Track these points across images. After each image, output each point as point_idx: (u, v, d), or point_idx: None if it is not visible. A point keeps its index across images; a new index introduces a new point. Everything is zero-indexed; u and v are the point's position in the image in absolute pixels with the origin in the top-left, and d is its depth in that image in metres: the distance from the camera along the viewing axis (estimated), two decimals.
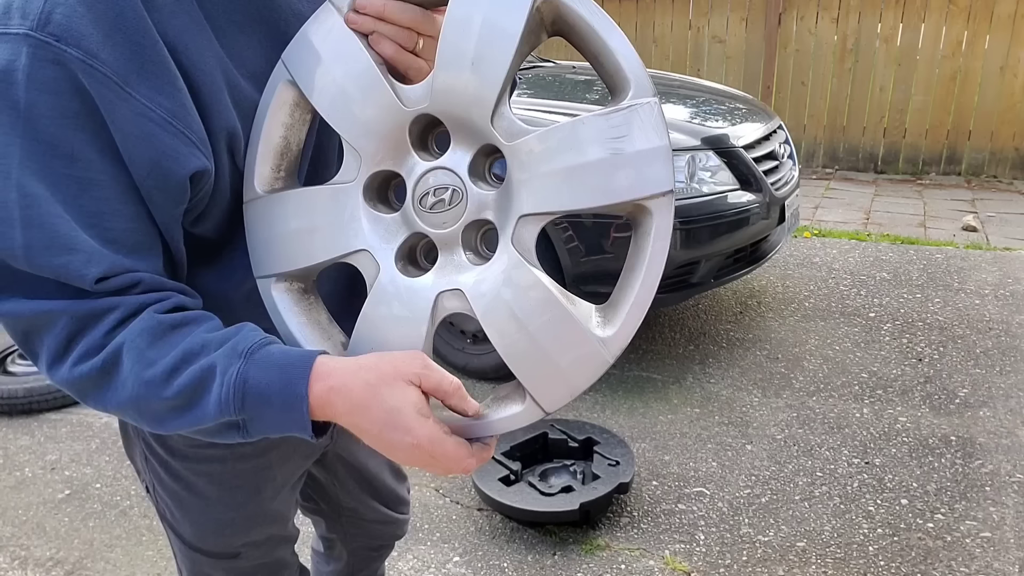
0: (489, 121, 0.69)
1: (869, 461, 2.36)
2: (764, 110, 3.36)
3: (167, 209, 0.71)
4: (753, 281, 3.80)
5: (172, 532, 1.02)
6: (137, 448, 0.98)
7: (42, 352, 0.69)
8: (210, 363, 0.67)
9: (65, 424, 2.80)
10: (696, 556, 2.00)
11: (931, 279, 3.74)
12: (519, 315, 0.70)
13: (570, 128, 0.69)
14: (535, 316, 0.70)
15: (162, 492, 0.98)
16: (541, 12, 0.69)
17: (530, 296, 0.70)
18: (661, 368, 3.00)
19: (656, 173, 0.67)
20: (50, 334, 0.67)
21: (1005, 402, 2.65)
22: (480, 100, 0.69)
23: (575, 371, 0.73)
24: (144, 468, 0.99)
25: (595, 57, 0.70)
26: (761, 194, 2.78)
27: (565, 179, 0.68)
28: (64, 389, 0.70)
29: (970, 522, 2.08)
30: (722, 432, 2.55)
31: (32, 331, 0.68)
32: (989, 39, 5.45)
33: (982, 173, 5.73)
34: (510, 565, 2.00)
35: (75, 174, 0.65)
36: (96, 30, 0.64)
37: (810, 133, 6.15)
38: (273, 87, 0.77)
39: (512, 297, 0.70)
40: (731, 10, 6.13)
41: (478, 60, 0.68)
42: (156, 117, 0.67)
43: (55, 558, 2.11)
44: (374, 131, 0.73)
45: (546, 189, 0.69)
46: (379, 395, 0.67)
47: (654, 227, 0.68)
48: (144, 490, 1.02)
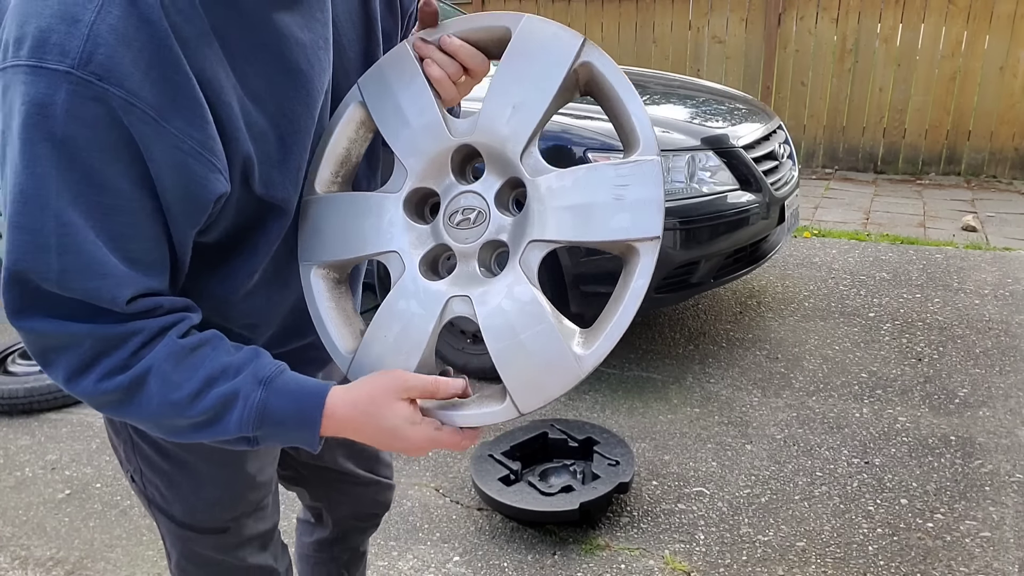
0: (519, 157, 0.82)
1: (869, 461, 2.36)
2: (764, 110, 3.36)
3: (187, 229, 0.77)
4: (753, 281, 3.80)
5: (162, 515, 1.05)
6: (123, 437, 1.01)
7: (60, 366, 0.73)
8: (233, 388, 0.76)
9: (65, 424, 2.80)
10: (696, 556, 2.00)
11: (931, 279, 3.74)
12: (514, 325, 0.81)
13: (585, 172, 0.80)
14: (527, 328, 0.81)
15: (152, 476, 1.01)
16: (578, 73, 0.82)
17: (526, 310, 0.81)
18: (661, 368, 3.00)
19: (649, 220, 0.78)
20: (72, 352, 0.72)
21: (1005, 402, 2.65)
22: (515, 139, 0.82)
23: (551, 380, 0.81)
24: (132, 456, 1.01)
25: (616, 117, 0.82)
26: (761, 194, 2.78)
27: (574, 214, 0.80)
28: (82, 400, 0.75)
29: (970, 522, 2.08)
30: (722, 432, 2.55)
31: (52, 348, 0.72)
32: (989, 39, 5.46)
33: (981, 173, 5.73)
34: (510, 565, 2.00)
35: (105, 201, 0.70)
36: (136, 69, 0.68)
37: (810, 133, 6.15)
38: (346, 105, 0.89)
39: (511, 309, 0.81)
40: (731, 10, 6.14)
41: (519, 106, 0.82)
42: (188, 148, 0.72)
43: (55, 558, 2.11)
44: (423, 153, 0.86)
45: (557, 221, 0.80)
46: (377, 419, 0.79)
47: (639, 266, 0.81)
48: (129, 479, 1.06)
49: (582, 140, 2.57)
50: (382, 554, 2.06)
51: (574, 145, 2.56)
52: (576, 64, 0.80)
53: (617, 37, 6.57)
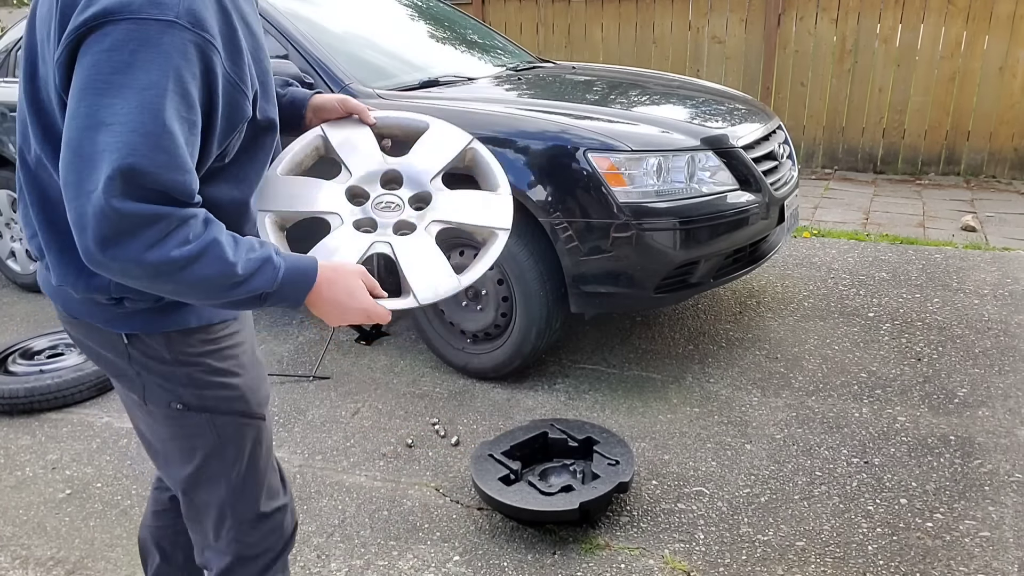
0: (429, 182, 1.42)
1: (868, 460, 2.37)
2: (763, 110, 3.37)
3: (218, 145, 1.10)
4: (752, 281, 3.81)
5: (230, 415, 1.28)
6: (180, 374, 1.22)
7: (141, 240, 0.96)
8: (265, 254, 1.07)
9: (66, 424, 2.80)
10: (695, 555, 2.00)
11: (930, 279, 3.74)
12: (420, 254, 1.32)
13: (468, 192, 1.43)
14: (427, 257, 1.32)
15: (210, 383, 1.25)
16: (466, 154, 1.50)
17: (428, 249, 1.33)
18: (661, 368, 3.00)
19: (504, 218, 1.40)
20: (156, 228, 0.97)
21: (1004, 402, 2.66)
22: (429, 174, 1.43)
23: (440, 285, 1.30)
24: (188, 383, 1.23)
25: (485, 177, 1.49)
26: (760, 194, 2.79)
27: (460, 210, 1.40)
28: (149, 270, 0.98)
29: (969, 521, 2.08)
30: (721, 431, 2.55)
31: (139, 226, 0.95)
32: (988, 40, 5.46)
33: (981, 173, 5.74)
34: (510, 564, 2.00)
35: (190, 118, 1.00)
36: (214, 19, 1.02)
37: (809, 133, 6.16)
38: (309, 135, 1.46)
39: (417, 247, 1.32)
40: (731, 11, 6.14)
41: (432, 158, 1.45)
42: (234, 81, 1.07)
43: (56, 557, 2.11)
44: (366, 169, 1.42)
45: (450, 211, 1.38)
46: (347, 281, 1.17)
47: (496, 243, 1.38)
48: (176, 410, 1.25)
49: (581, 140, 2.57)
50: (382, 553, 2.06)
51: (573, 145, 2.56)
52: (466, 148, 1.50)
53: (617, 37, 6.58)
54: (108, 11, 0.95)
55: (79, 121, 0.95)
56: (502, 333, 2.86)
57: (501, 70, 3.63)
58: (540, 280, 2.67)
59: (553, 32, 6.85)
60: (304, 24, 3.19)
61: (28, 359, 3.10)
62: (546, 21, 6.85)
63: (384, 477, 2.40)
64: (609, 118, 2.77)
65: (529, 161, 2.61)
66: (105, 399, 2.97)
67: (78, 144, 0.94)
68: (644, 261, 2.57)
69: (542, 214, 2.61)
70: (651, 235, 2.55)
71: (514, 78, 3.43)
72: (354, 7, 3.64)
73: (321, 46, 3.10)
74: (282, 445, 2.60)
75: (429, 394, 2.89)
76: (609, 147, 2.56)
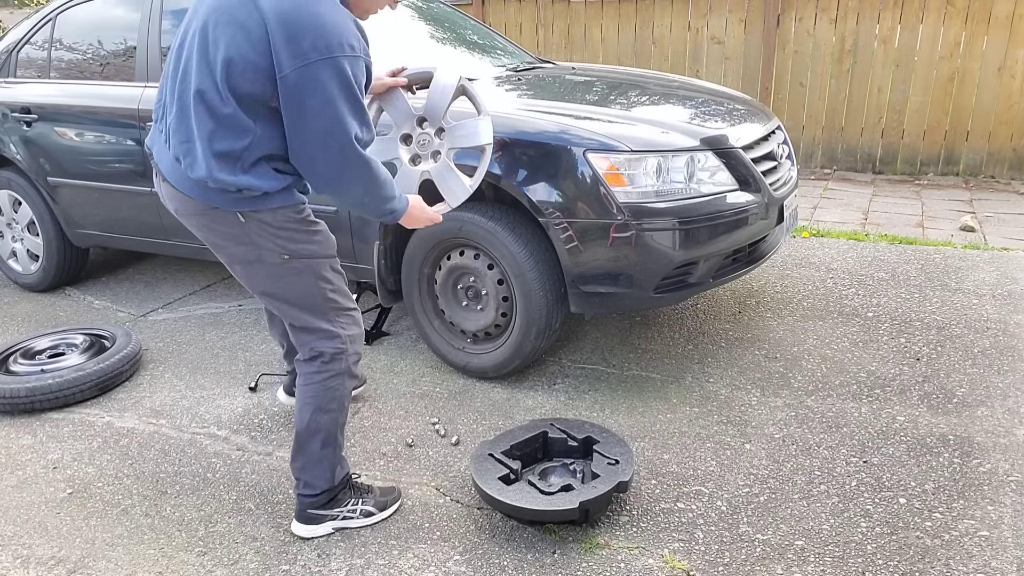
0: (441, 118, 2.41)
1: (867, 460, 2.37)
2: (763, 111, 3.37)
3: None
4: (752, 281, 3.81)
5: (316, 258, 1.99)
6: (282, 235, 1.94)
7: (354, 147, 1.79)
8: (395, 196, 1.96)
9: (67, 423, 2.81)
10: (695, 555, 2.01)
11: (929, 279, 3.75)
12: (444, 173, 2.38)
13: (465, 120, 2.41)
14: (449, 176, 2.37)
15: (307, 241, 1.98)
16: (460, 89, 2.43)
17: (449, 170, 2.38)
18: (660, 367, 3.01)
19: (488, 135, 2.39)
20: (358, 148, 1.82)
21: (1003, 401, 2.66)
22: (439, 110, 2.39)
23: (460, 191, 2.36)
24: (286, 245, 1.94)
25: (474, 102, 2.45)
26: (760, 194, 2.79)
27: (464, 135, 2.39)
28: (362, 155, 1.82)
29: (968, 521, 2.09)
30: (721, 431, 2.56)
31: (345, 150, 1.79)
32: (987, 40, 5.47)
33: (980, 173, 5.75)
34: (510, 563, 2.01)
35: (360, 105, 1.80)
36: (364, 43, 1.79)
37: (808, 134, 6.16)
38: (372, 106, 2.41)
39: (443, 169, 2.39)
40: (730, 11, 6.15)
41: (439, 100, 2.39)
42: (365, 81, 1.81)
43: (57, 557, 2.12)
44: (405, 119, 2.43)
45: (458, 139, 2.40)
46: (416, 205, 2.08)
47: (486, 156, 2.40)
48: (282, 260, 1.95)
49: (581, 141, 2.58)
50: (382, 552, 2.07)
51: (573, 145, 2.57)
52: (459, 84, 2.40)
53: (617, 38, 6.59)
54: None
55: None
56: (502, 333, 2.86)
57: (501, 71, 3.64)
58: (540, 280, 2.68)
59: (553, 32, 6.85)
60: None
61: (29, 359, 3.11)
62: (546, 22, 6.86)
63: (384, 476, 2.41)
64: (609, 119, 2.77)
65: (529, 162, 2.61)
66: (106, 399, 2.98)
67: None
68: (644, 261, 2.58)
69: (542, 214, 2.61)
70: (651, 235, 2.55)
71: (514, 79, 3.44)
72: None
73: None
74: (283, 445, 2.61)
75: (429, 394, 2.90)
76: (609, 147, 2.56)
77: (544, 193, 2.60)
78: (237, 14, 1.71)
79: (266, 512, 2.27)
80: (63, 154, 3.75)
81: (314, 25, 1.67)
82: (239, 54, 1.71)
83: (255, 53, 1.70)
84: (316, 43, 1.67)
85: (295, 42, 1.67)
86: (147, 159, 3.49)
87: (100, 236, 3.89)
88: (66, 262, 4.11)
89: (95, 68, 3.73)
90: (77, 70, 3.80)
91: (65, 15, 3.86)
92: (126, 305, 3.98)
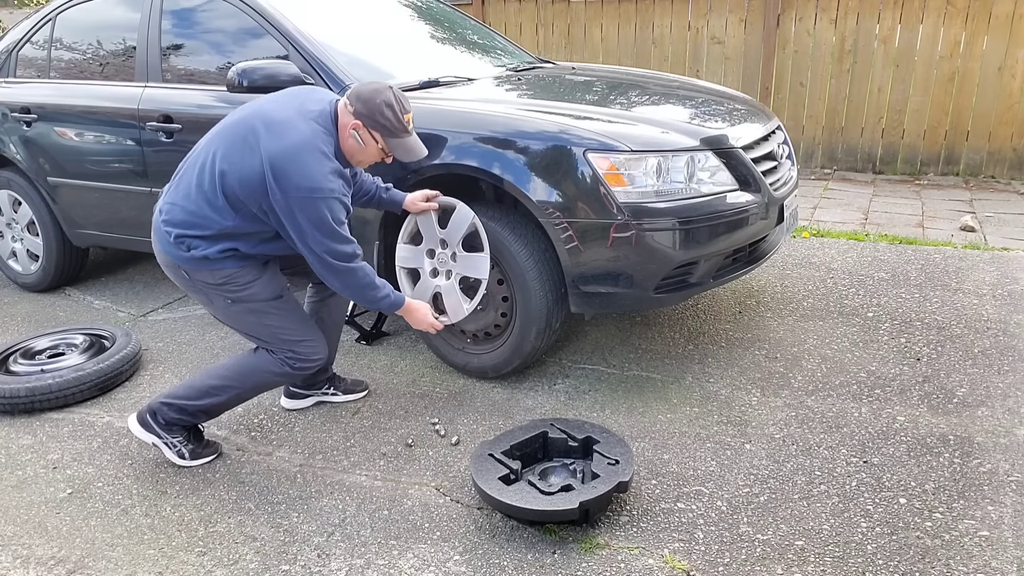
0: (456, 245, 2.74)
1: (867, 460, 2.37)
2: (763, 111, 3.37)
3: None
4: (752, 281, 3.81)
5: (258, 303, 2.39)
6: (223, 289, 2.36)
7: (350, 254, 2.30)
8: (389, 295, 2.42)
9: (67, 423, 2.81)
10: (695, 555, 2.01)
11: (929, 279, 3.75)
12: (451, 294, 2.76)
13: (471, 256, 2.73)
14: (454, 296, 2.75)
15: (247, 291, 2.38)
16: (472, 224, 2.68)
17: (455, 289, 2.76)
18: (660, 367, 3.01)
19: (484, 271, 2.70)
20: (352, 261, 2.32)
21: (1003, 401, 2.66)
22: (456, 238, 2.72)
23: (459, 311, 2.74)
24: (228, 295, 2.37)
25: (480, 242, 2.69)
26: (760, 194, 2.79)
27: (468, 266, 2.73)
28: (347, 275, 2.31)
29: (968, 521, 2.09)
30: (721, 431, 2.56)
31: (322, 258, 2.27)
32: (987, 40, 5.47)
33: (980, 173, 5.75)
34: (510, 564, 2.01)
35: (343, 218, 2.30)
36: (343, 184, 2.28)
37: (808, 133, 6.16)
38: (410, 221, 2.86)
39: (449, 289, 2.76)
40: (730, 11, 6.15)
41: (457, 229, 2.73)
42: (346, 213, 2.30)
43: (57, 557, 2.12)
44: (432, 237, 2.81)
45: (464, 268, 2.73)
46: (418, 308, 2.54)
47: (480, 288, 2.73)
48: (228, 303, 2.39)
49: (581, 141, 2.58)
50: (382, 552, 2.07)
51: (573, 145, 2.57)
52: (472, 220, 2.67)
53: (617, 38, 6.59)
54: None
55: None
56: (502, 333, 2.86)
57: (501, 70, 3.64)
58: (540, 280, 2.68)
59: (553, 32, 6.85)
60: (304, 24, 3.19)
61: (29, 359, 3.10)
62: (546, 21, 6.86)
63: (384, 476, 2.41)
64: (609, 118, 2.77)
65: (529, 161, 2.61)
66: (106, 399, 2.98)
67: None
68: (644, 261, 2.58)
69: (542, 214, 2.61)
70: (651, 235, 2.55)
71: (514, 78, 3.44)
72: (354, 7, 3.65)
73: (321, 46, 3.10)
74: (282, 445, 2.61)
75: (429, 394, 2.90)
76: (609, 147, 2.56)
77: (544, 193, 2.60)
78: (247, 142, 2.21)
79: (266, 512, 2.27)
80: (63, 154, 3.75)
81: (298, 173, 2.15)
82: (239, 171, 2.20)
83: (254, 176, 2.19)
84: (300, 184, 2.15)
85: (284, 179, 2.15)
86: (146, 159, 3.50)
87: (100, 236, 3.89)
88: (66, 262, 4.11)
89: (95, 68, 3.73)
90: (77, 70, 3.79)
91: (65, 15, 3.86)
92: (126, 305, 3.98)
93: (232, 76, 2.87)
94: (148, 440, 2.49)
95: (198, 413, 2.49)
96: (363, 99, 2.27)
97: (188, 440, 2.50)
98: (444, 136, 2.74)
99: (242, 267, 2.35)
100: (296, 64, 3.00)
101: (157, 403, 2.47)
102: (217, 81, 3.30)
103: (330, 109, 2.30)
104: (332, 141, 2.26)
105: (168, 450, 2.49)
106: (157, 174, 3.48)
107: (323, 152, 2.20)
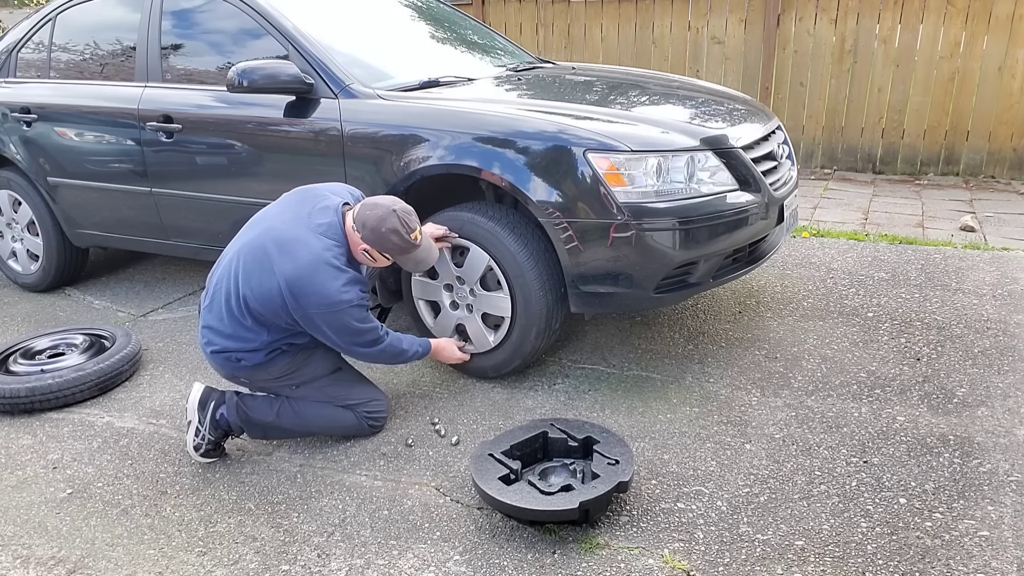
0: (475, 283, 2.84)
1: (867, 460, 2.37)
2: (763, 111, 3.37)
3: None
4: (752, 281, 3.81)
5: (320, 380, 2.58)
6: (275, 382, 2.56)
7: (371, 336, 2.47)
8: (417, 348, 2.65)
9: (67, 423, 2.81)
10: (695, 555, 2.01)
11: (929, 279, 3.75)
12: (474, 326, 2.87)
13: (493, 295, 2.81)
14: (477, 328, 2.87)
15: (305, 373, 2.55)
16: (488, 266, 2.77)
17: (477, 322, 2.86)
18: (660, 367, 3.01)
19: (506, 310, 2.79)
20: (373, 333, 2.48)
21: (1003, 401, 2.66)
22: (474, 278, 2.82)
23: (482, 342, 2.86)
24: (288, 382, 2.55)
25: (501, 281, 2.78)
26: (760, 194, 2.79)
27: (490, 306, 2.84)
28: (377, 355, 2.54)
29: (968, 521, 2.09)
30: (721, 431, 2.56)
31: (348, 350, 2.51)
32: (987, 40, 5.47)
33: (980, 173, 5.75)
34: (510, 564, 2.01)
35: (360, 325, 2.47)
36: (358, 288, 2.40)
37: (808, 133, 6.16)
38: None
39: (472, 321, 2.87)
40: (730, 11, 6.15)
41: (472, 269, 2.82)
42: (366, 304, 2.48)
43: (57, 557, 2.12)
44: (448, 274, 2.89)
45: (486, 306, 2.83)
46: (445, 346, 2.82)
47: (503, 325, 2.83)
48: (295, 388, 2.56)
49: (581, 141, 2.58)
50: (382, 552, 2.07)
51: (573, 145, 2.57)
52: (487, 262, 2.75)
53: (617, 38, 6.59)
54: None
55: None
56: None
57: (501, 70, 3.64)
58: (540, 280, 2.68)
59: (553, 32, 6.85)
60: (304, 24, 3.19)
61: (29, 359, 3.11)
62: (546, 21, 6.86)
63: (384, 476, 2.41)
64: (609, 118, 2.77)
65: (529, 161, 2.61)
66: (106, 399, 2.98)
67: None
68: (644, 261, 2.58)
69: (542, 214, 2.61)
70: (651, 235, 2.55)
71: (514, 78, 3.44)
72: (354, 7, 3.65)
73: (321, 46, 3.10)
74: (282, 445, 2.61)
75: (429, 394, 2.90)
76: (609, 147, 2.56)
77: (544, 193, 2.60)
78: (262, 265, 2.33)
79: (266, 512, 2.27)
80: (63, 154, 3.75)
81: (315, 293, 2.29)
82: (258, 295, 2.33)
83: (274, 298, 2.31)
84: (318, 302, 2.30)
85: (303, 298, 2.29)
86: (146, 159, 3.50)
87: (100, 236, 3.89)
88: (66, 262, 4.11)
89: (95, 68, 3.73)
90: (77, 70, 3.79)
91: (65, 15, 3.86)
92: (126, 305, 3.98)
93: (232, 76, 2.88)
94: (191, 415, 2.50)
95: (254, 431, 2.57)
96: (369, 227, 2.37)
97: (215, 440, 2.52)
98: (444, 136, 2.74)
99: (293, 358, 2.50)
100: (296, 64, 3.00)
101: (234, 398, 2.53)
102: (217, 81, 3.30)
103: (338, 219, 2.41)
104: (343, 252, 2.38)
105: (195, 436, 2.49)
106: (157, 174, 3.48)
107: (335, 267, 2.32)
